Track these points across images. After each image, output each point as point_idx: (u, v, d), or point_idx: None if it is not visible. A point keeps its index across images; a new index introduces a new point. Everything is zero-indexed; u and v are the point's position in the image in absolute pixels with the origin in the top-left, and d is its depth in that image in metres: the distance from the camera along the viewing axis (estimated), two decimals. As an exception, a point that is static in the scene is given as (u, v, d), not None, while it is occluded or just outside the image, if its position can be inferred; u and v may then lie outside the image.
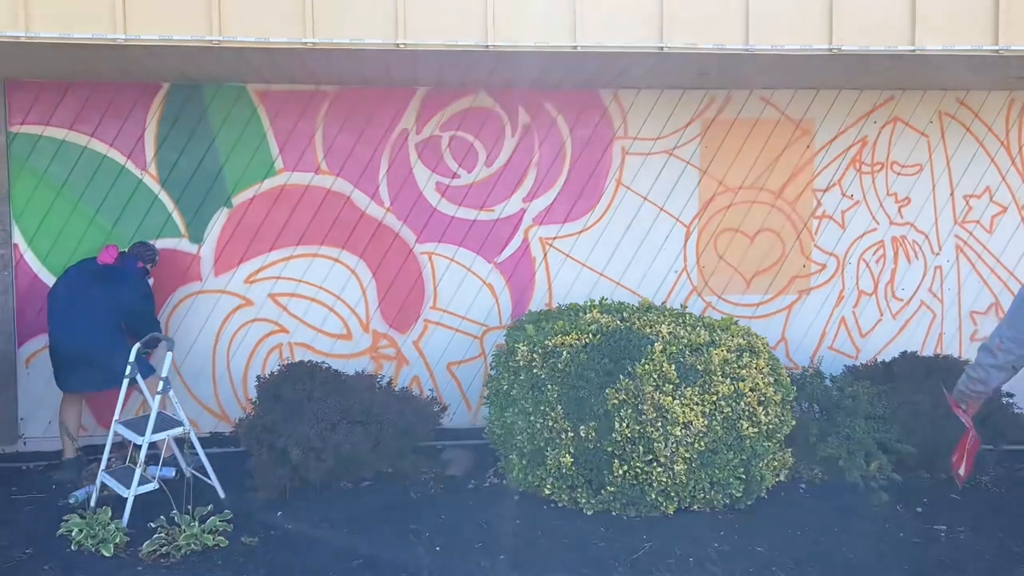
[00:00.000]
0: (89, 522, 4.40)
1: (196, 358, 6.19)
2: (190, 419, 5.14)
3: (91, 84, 5.95)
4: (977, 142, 6.62)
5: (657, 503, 4.61)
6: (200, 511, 4.53)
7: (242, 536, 4.48)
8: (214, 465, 5.08)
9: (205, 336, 6.20)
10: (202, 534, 4.36)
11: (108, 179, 6.03)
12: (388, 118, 6.25)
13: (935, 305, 6.69)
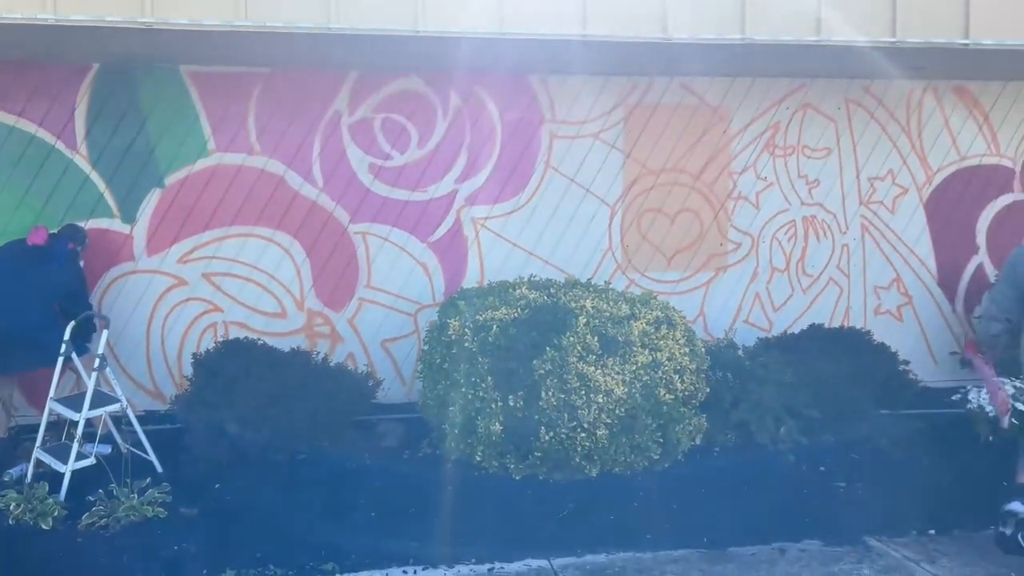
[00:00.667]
0: (27, 497, 4.47)
1: (130, 338, 6.23)
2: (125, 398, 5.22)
3: (19, 64, 5.91)
4: (881, 128, 7.06)
5: (581, 467, 4.89)
6: (138, 484, 4.64)
7: (181, 507, 4.61)
8: (151, 441, 5.17)
9: (139, 316, 6.24)
10: (141, 506, 4.47)
11: (37, 160, 6.01)
12: (321, 100, 6.36)
13: (842, 280, 7.13)
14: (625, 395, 4.84)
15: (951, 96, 7.10)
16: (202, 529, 4.44)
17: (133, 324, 6.23)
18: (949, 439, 5.77)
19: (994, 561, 4.18)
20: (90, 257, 5.94)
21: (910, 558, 4.23)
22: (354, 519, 4.58)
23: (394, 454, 5.45)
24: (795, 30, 5.39)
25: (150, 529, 4.42)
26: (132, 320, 6.22)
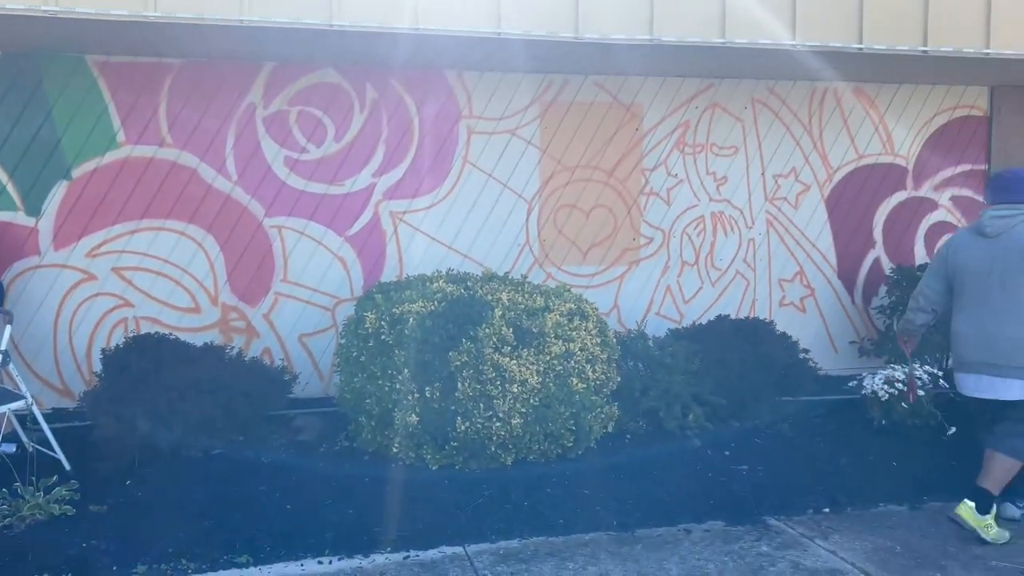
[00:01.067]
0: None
1: (36, 334, 6.06)
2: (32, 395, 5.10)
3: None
4: (785, 127, 7.37)
5: (496, 455, 5.00)
6: (45, 482, 4.54)
7: (90, 505, 4.53)
8: (59, 440, 5.06)
9: (45, 311, 6.08)
10: (47, 504, 4.38)
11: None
12: (235, 92, 6.30)
13: (748, 274, 7.43)
14: (539, 385, 4.97)
15: (850, 97, 7.47)
16: (112, 526, 4.38)
17: (39, 320, 6.06)
18: (845, 423, 6.12)
19: (882, 536, 4.45)
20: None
21: (805, 535, 4.47)
22: (269, 512, 4.58)
23: (310, 448, 5.46)
24: (701, 32, 5.60)
25: (57, 527, 4.33)
26: (38, 316, 6.06)
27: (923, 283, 4.83)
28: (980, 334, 4.47)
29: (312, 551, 4.23)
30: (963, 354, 4.56)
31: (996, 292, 4.44)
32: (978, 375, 4.50)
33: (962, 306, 4.60)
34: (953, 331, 4.64)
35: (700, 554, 4.24)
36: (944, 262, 4.71)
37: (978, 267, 4.52)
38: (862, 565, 4.11)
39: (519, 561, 4.15)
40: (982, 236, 4.55)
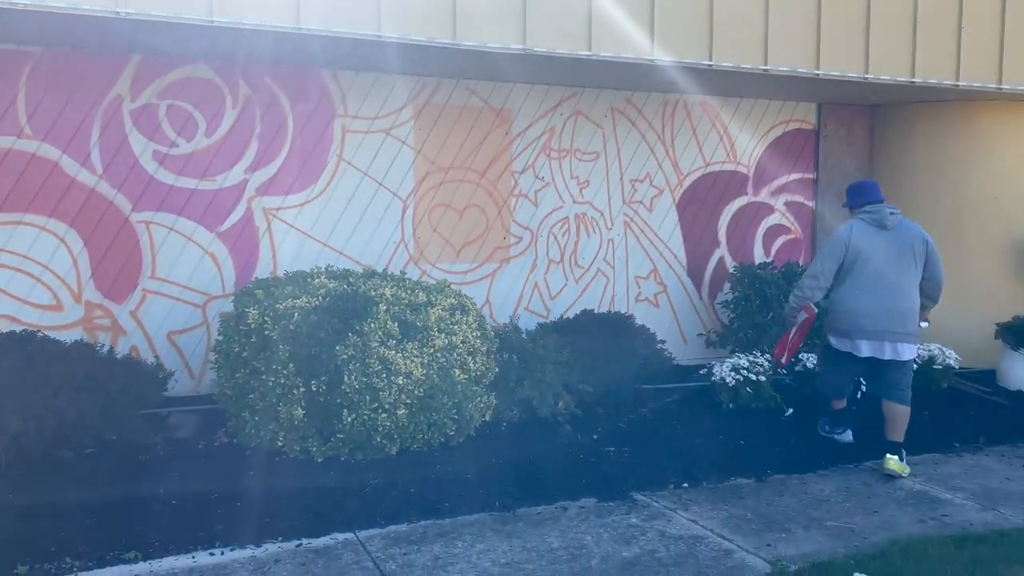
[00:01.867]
0: None
1: None
2: None
3: None
4: (640, 135, 7.92)
5: (382, 445, 5.16)
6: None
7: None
8: None
9: None
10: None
11: None
12: (100, 83, 6.12)
13: (608, 271, 7.92)
14: (424, 376, 5.18)
15: (698, 109, 8.11)
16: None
17: None
18: (697, 407, 6.68)
19: (735, 505, 4.96)
20: None
21: (668, 507, 4.91)
22: (154, 509, 4.54)
23: (189, 445, 5.42)
24: (571, 44, 5.98)
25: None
26: None
27: (820, 265, 5.57)
28: (882, 308, 5.37)
29: (202, 544, 4.25)
30: (865, 325, 5.41)
31: (893, 274, 5.40)
32: (880, 341, 5.40)
33: (856, 286, 5.44)
34: (849, 308, 5.48)
35: (577, 528, 4.59)
36: (845, 248, 5.47)
37: (879, 253, 5.42)
38: (719, 531, 4.59)
39: (410, 543, 4.35)
40: (883, 228, 5.48)
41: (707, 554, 4.28)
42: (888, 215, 5.49)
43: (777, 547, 4.38)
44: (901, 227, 5.51)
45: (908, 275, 5.44)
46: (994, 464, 5.86)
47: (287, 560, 4.13)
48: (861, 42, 6.92)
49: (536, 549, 4.30)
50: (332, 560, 4.14)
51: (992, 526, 4.64)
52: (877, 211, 5.54)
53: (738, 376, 6.54)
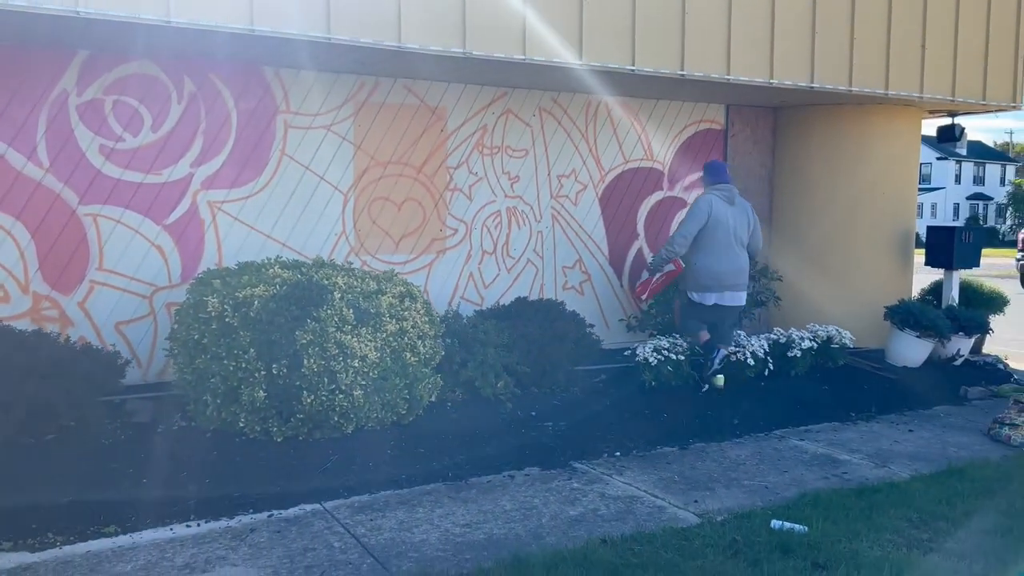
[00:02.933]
0: None
1: None
2: None
3: None
4: (566, 134, 8.42)
5: (339, 425, 5.50)
6: None
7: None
8: None
9: None
10: None
11: None
12: (46, 78, 6.20)
13: (537, 261, 8.40)
14: (378, 359, 5.53)
15: (618, 110, 8.67)
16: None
17: None
18: (624, 385, 7.22)
19: (663, 470, 5.51)
20: None
21: (605, 473, 5.42)
22: (126, 487, 4.77)
23: (149, 429, 5.62)
24: (507, 49, 6.41)
25: (-101, 517, 4.26)
26: None
27: (685, 229, 7.01)
28: (731, 267, 7.01)
29: (178, 518, 4.52)
30: (723, 279, 7.00)
31: (733, 239, 7.03)
32: (723, 292, 7.02)
33: (711, 249, 6.97)
34: (703, 265, 6.99)
35: (525, 493, 5.04)
36: (707, 217, 6.97)
37: (727, 222, 7.01)
38: (652, 491, 5.12)
39: (374, 511, 4.72)
40: (729, 203, 7.07)
41: (643, 511, 4.80)
42: (735, 194, 7.12)
43: (703, 503, 4.94)
44: (739, 203, 7.13)
45: (744, 240, 7.11)
46: (884, 430, 6.62)
47: (262, 529, 4.45)
48: (767, 51, 7.60)
49: (491, 511, 4.74)
50: (304, 527, 4.48)
51: (884, 480, 5.34)
52: (728, 190, 7.12)
53: (659, 356, 7.12)
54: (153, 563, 4.03)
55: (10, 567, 3.96)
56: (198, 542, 4.27)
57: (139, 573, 3.93)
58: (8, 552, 4.09)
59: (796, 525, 4.39)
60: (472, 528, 4.51)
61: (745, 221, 7.13)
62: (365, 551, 4.20)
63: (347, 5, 5.81)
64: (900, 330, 8.35)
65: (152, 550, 4.17)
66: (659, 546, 4.17)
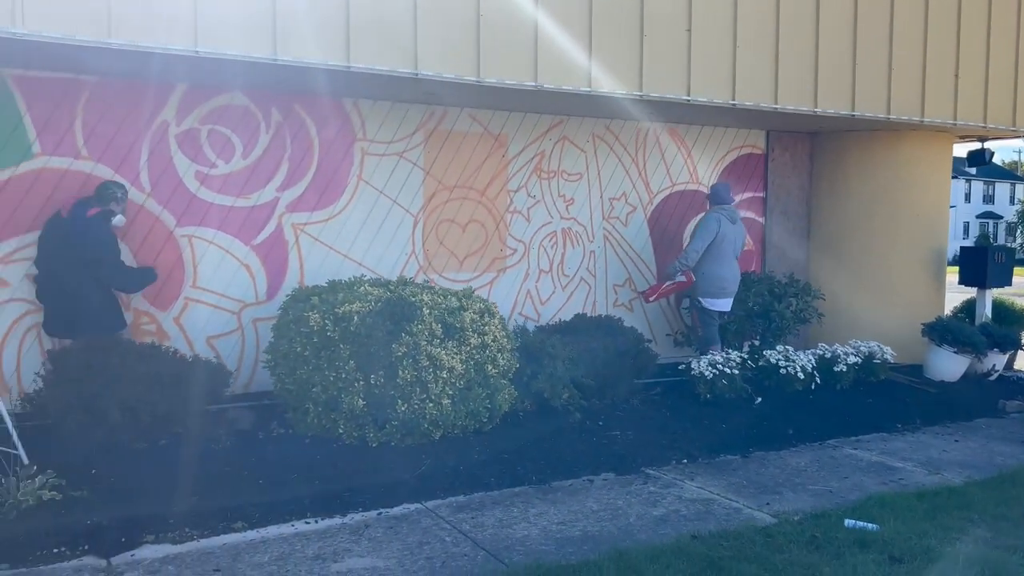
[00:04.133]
0: (-88, 492, 4.51)
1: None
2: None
3: None
4: (617, 159, 8.87)
5: (428, 431, 5.91)
6: (26, 471, 4.84)
7: (71, 491, 4.89)
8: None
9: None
10: (36, 490, 4.71)
11: None
12: (149, 109, 6.69)
13: (590, 280, 8.83)
14: (463, 371, 5.95)
15: (665, 136, 9.12)
16: (101, 507, 4.78)
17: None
18: (681, 397, 7.62)
19: (730, 475, 5.89)
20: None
21: (677, 479, 5.81)
22: (245, 487, 5.18)
23: (251, 435, 6.03)
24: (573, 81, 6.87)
25: (50, 511, 4.67)
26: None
27: (700, 242, 7.98)
28: (732, 275, 8.09)
29: (296, 515, 4.92)
30: (728, 287, 8.06)
31: (733, 252, 8.09)
32: (728, 297, 8.07)
33: (720, 260, 7.99)
34: (714, 274, 8.00)
35: (607, 495, 5.44)
36: (714, 234, 7.99)
37: (729, 238, 8.04)
38: (724, 495, 5.51)
39: (472, 510, 5.12)
40: (732, 222, 8.13)
41: (721, 511, 5.19)
42: (737, 214, 8.25)
43: (774, 505, 5.33)
44: (738, 222, 8.21)
45: (738, 254, 8.17)
46: (931, 440, 6.99)
47: (375, 525, 4.85)
48: (811, 82, 8.05)
49: (580, 511, 5.13)
50: (413, 524, 4.88)
51: (941, 485, 5.71)
52: (731, 211, 8.17)
53: (714, 370, 7.52)
54: (286, 554, 4.44)
55: (160, 556, 4.37)
56: (321, 536, 4.68)
57: (276, 563, 4.34)
58: (153, 544, 4.50)
59: (868, 524, 4.77)
60: (567, 526, 4.90)
61: (742, 238, 8.30)
62: (475, 545, 4.59)
63: (431, 45, 6.27)
64: (938, 346, 8.72)
65: (281, 543, 4.57)
66: (745, 541, 4.56)
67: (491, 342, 6.20)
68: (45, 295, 6.16)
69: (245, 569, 4.25)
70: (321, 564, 4.32)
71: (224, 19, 5.54)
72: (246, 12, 5.61)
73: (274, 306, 7.11)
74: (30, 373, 6.26)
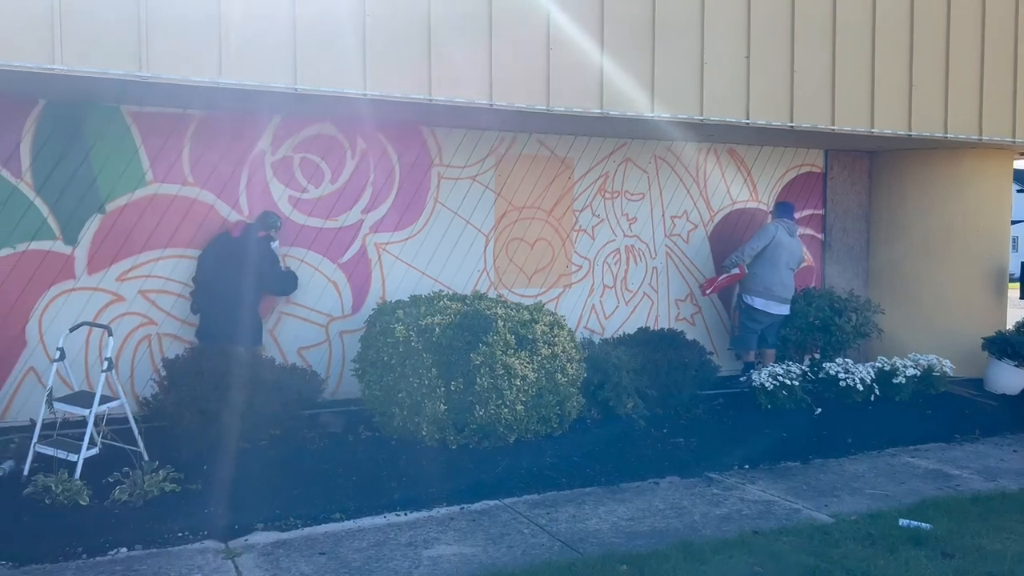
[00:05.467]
0: (58, 480, 5.13)
1: (70, 347, 6.72)
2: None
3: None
4: (679, 178, 9.25)
5: (503, 435, 6.36)
6: (149, 466, 5.43)
7: (188, 484, 5.47)
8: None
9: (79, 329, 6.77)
10: (161, 481, 5.29)
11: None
12: (248, 140, 7.32)
13: (652, 295, 9.20)
14: (535, 379, 6.39)
15: (726, 156, 9.47)
16: (215, 498, 5.35)
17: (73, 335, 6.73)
18: (742, 408, 7.93)
19: (791, 480, 6.21)
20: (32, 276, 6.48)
21: (739, 482, 6.15)
22: (339, 482, 5.70)
23: (341, 438, 6.56)
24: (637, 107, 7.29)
25: (171, 500, 5.26)
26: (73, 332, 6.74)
27: (755, 243, 8.61)
28: (781, 282, 8.58)
29: (387, 508, 5.43)
30: (776, 292, 8.57)
31: (786, 262, 8.59)
32: (774, 301, 8.58)
33: (771, 265, 8.53)
34: (765, 276, 8.54)
35: (673, 496, 5.81)
36: (771, 238, 8.57)
37: (785, 248, 8.56)
38: (784, 497, 5.83)
39: (546, 506, 5.55)
40: (790, 235, 8.68)
41: (781, 511, 5.52)
42: (796, 229, 8.85)
43: (832, 507, 5.64)
44: (796, 238, 8.79)
45: (793, 267, 8.71)
46: (989, 450, 7.18)
47: (459, 518, 5.32)
48: (867, 104, 8.32)
49: (647, 509, 5.53)
50: (493, 517, 5.33)
51: (996, 491, 5.94)
52: (790, 224, 8.77)
53: (775, 382, 7.82)
54: (382, 541, 4.93)
55: (270, 541, 4.91)
56: (411, 527, 5.16)
57: (373, 548, 4.83)
58: (262, 531, 5.04)
59: (922, 523, 5.06)
60: (636, 521, 5.30)
61: (798, 252, 8.78)
62: (552, 536, 5.02)
63: (506, 76, 6.76)
64: (998, 360, 8.86)
65: (376, 532, 5.07)
66: (804, 537, 4.89)
67: (560, 352, 6.63)
68: (204, 307, 6.92)
69: (347, 553, 4.75)
70: (413, 550, 4.80)
71: (321, 58, 6.12)
72: (342, 52, 6.17)
73: (358, 320, 7.68)
74: (143, 379, 6.92)
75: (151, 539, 4.84)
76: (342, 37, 6.21)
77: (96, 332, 6.83)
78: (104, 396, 5.68)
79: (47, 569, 4.49)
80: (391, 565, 4.59)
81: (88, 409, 5.49)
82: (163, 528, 4.95)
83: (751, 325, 8.76)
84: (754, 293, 8.66)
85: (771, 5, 7.77)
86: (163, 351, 7.04)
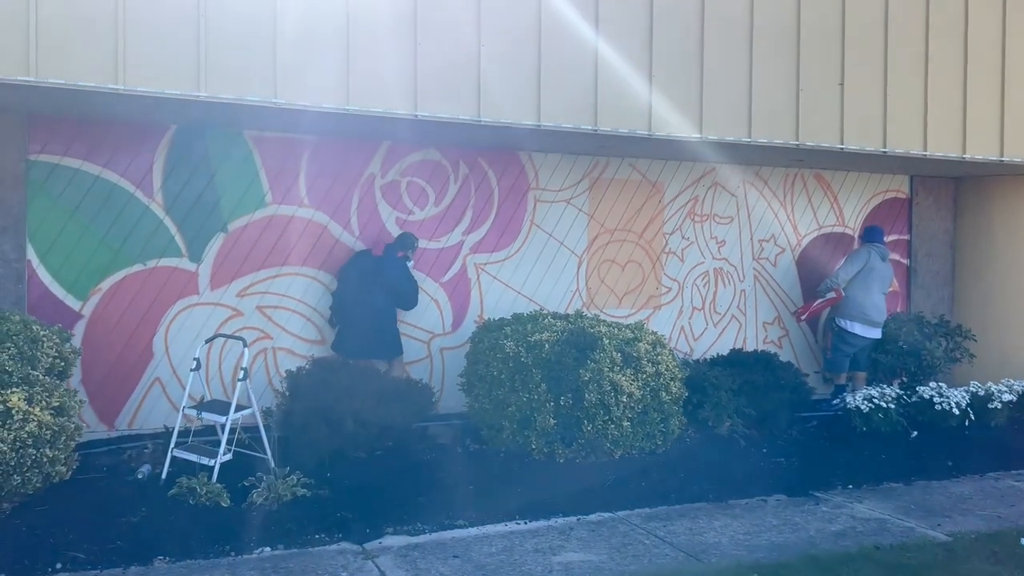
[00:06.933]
0: (199, 483, 5.42)
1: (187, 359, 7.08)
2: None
3: (106, 122, 6.76)
4: (767, 203, 9.37)
5: (609, 451, 6.52)
6: (281, 472, 5.71)
7: (316, 490, 5.72)
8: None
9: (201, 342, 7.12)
10: (292, 486, 5.56)
11: (117, 205, 6.85)
12: (359, 164, 7.66)
13: (740, 317, 9.30)
14: (640, 396, 6.55)
15: (812, 181, 9.57)
16: (343, 503, 5.58)
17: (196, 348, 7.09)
18: (837, 429, 7.97)
19: (897, 499, 6.24)
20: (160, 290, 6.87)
21: (845, 501, 6.20)
22: (459, 491, 5.90)
23: (450, 450, 6.79)
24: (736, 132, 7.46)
25: (304, 505, 5.51)
26: (195, 344, 7.09)
27: (849, 267, 8.87)
28: (874, 304, 8.77)
29: (506, 517, 5.60)
30: (870, 315, 8.75)
31: (878, 286, 8.80)
32: (867, 324, 8.76)
33: (866, 289, 8.74)
34: (860, 300, 8.74)
35: (783, 513, 5.90)
36: (864, 263, 8.80)
37: (877, 272, 8.83)
38: (894, 516, 5.88)
39: (660, 520, 5.68)
40: (882, 259, 8.88)
41: (895, 529, 5.57)
42: (887, 253, 9.01)
43: (945, 526, 5.67)
44: (887, 262, 8.95)
45: (885, 290, 8.90)
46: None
47: (577, 528, 5.47)
48: (959, 130, 8.38)
49: (761, 525, 5.62)
50: (612, 528, 5.48)
51: (1112, 514, 5.91)
52: (882, 249, 8.95)
53: (870, 404, 7.85)
54: (509, 547, 5.11)
55: (403, 544, 5.12)
56: (533, 535, 5.33)
57: (503, 553, 5.01)
58: (393, 535, 5.26)
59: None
60: (752, 536, 5.40)
61: (889, 276, 9.02)
62: (673, 547, 5.15)
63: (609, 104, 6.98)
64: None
65: (501, 538, 5.25)
66: (927, 553, 4.95)
67: (664, 371, 6.78)
68: (343, 321, 7.27)
69: (479, 557, 4.94)
70: (542, 556, 4.97)
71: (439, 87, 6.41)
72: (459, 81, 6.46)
73: (458, 337, 7.94)
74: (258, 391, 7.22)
75: (291, 540, 5.08)
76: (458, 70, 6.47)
77: (219, 341, 7.16)
78: (240, 405, 5.99)
79: (201, 565, 4.76)
80: (524, 568, 4.77)
81: (224, 416, 5.79)
82: (300, 530, 5.19)
83: (844, 348, 8.81)
84: (848, 317, 8.79)
85: (867, 36, 7.89)
86: (278, 364, 7.35)
